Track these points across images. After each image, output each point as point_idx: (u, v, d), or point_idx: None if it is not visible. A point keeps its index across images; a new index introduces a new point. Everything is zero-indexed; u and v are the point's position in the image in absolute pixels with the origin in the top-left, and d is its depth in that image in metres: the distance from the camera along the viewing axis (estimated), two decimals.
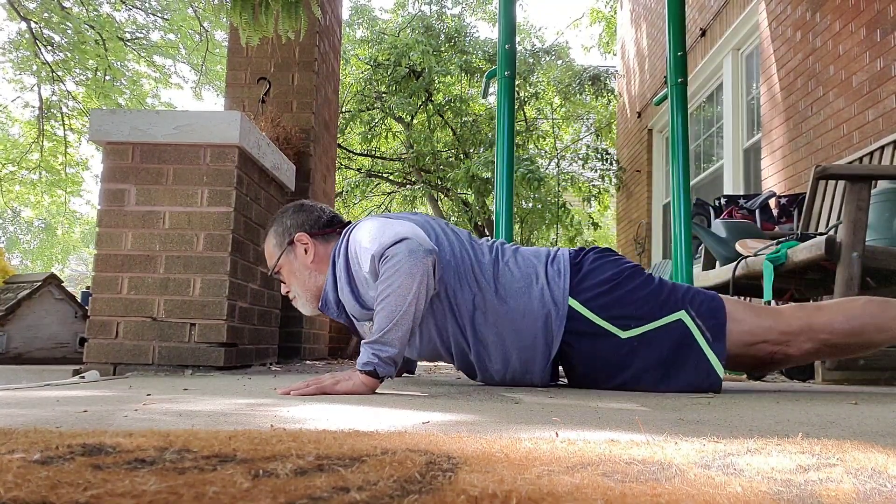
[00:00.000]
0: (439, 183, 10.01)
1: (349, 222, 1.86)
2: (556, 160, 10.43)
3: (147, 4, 10.71)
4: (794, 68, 4.53)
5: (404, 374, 2.24)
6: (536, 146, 10.79)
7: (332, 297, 1.74)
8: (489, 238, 2.21)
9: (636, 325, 1.61)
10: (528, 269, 1.68)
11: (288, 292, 1.85)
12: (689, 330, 1.59)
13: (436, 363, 3.91)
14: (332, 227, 1.83)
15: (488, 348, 1.67)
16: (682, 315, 1.60)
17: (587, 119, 11.55)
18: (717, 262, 3.00)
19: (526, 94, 10.10)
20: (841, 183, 2.89)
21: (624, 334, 1.61)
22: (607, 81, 9.82)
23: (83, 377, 2.12)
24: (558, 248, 1.77)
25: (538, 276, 1.67)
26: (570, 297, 1.63)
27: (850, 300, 1.69)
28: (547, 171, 9.81)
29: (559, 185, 9.96)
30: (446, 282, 1.64)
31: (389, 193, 11.66)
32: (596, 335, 1.62)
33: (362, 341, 1.52)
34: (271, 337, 2.92)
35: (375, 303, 1.51)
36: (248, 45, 3.19)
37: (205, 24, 9.66)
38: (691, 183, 3.61)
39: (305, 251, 1.79)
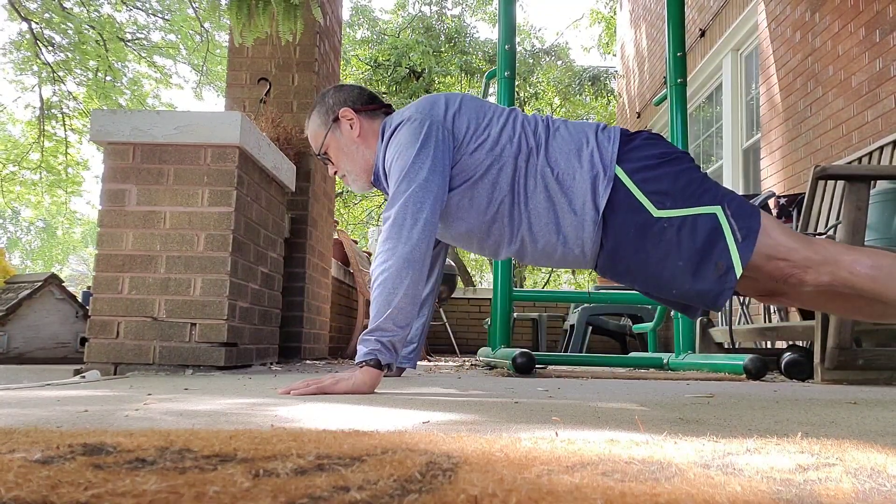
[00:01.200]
0: None
1: (390, 105, 1.89)
2: None
3: (148, 5, 10.71)
4: (793, 68, 4.53)
5: (404, 375, 2.25)
6: None
7: (383, 172, 1.75)
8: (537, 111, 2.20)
9: (672, 206, 1.58)
10: (578, 135, 1.68)
11: (335, 172, 1.86)
12: (720, 225, 1.57)
13: (436, 364, 3.91)
14: (374, 105, 1.85)
15: (541, 216, 1.65)
16: (717, 210, 1.58)
17: (587, 119, 11.56)
18: None
19: (526, 94, 10.10)
20: (840, 183, 2.89)
21: (657, 213, 1.58)
22: (607, 82, 9.82)
23: (84, 377, 2.12)
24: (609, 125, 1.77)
25: (588, 140, 1.66)
26: (616, 165, 1.62)
27: (881, 251, 1.65)
28: None
29: None
30: (499, 153, 1.65)
31: None
32: (630, 209, 1.60)
33: (360, 335, 1.52)
34: (272, 337, 2.93)
35: (371, 282, 1.55)
36: (243, 45, 3.20)
37: (205, 25, 9.66)
38: None
39: (351, 126, 1.81)
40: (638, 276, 1.66)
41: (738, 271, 1.54)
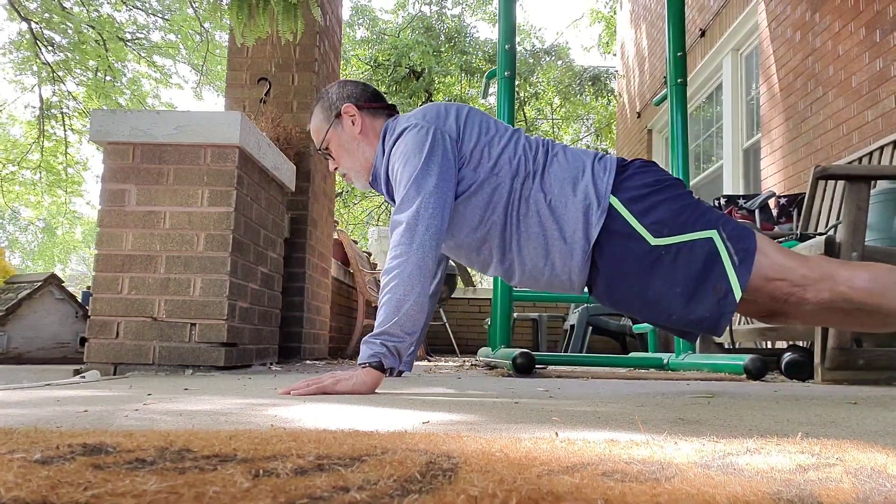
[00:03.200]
0: None
1: (395, 106, 1.88)
2: None
3: (147, 5, 10.71)
4: (793, 68, 4.53)
5: (404, 375, 2.24)
6: None
7: (383, 173, 1.76)
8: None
9: (668, 234, 1.59)
10: (575, 163, 1.69)
11: (335, 169, 1.87)
12: (717, 249, 1.58)
13: (436, 364, 3.91)
14: (378, 103, 1.85)
15: (531, 240, 1.66)
16: (713, 234, 1.59)
17: (587, 119, 11.55)
18: None
19: (526, 94, 10.10)
20: (840, 183, 2.89)
21: (654, 241, 1.59)
22: (607, 82, 9.82)
23: (84, 377, 2.12)
24: (606, 153, 1.77)
25: (584, 170, 1.67)
26: (611, 195, 1.63)
27: (876, 264, 1.66)
28: None
29: None
30: (497, 172, 1.66)
31: None
32: (627, 237, 1.61)
33: (364, 337, 1.52)
34: (271, 337, 2.93)
35: (381, 286, 1.55)
36: (244, 45, 3.20)
37: (205, 25, 9.66)
38: (691, 183, 3.61)
39: (353, 122, 1.80)
40: (636, 304, 1.67)
41: (738, 294, 1.56)
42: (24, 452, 0.63)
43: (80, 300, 4.27)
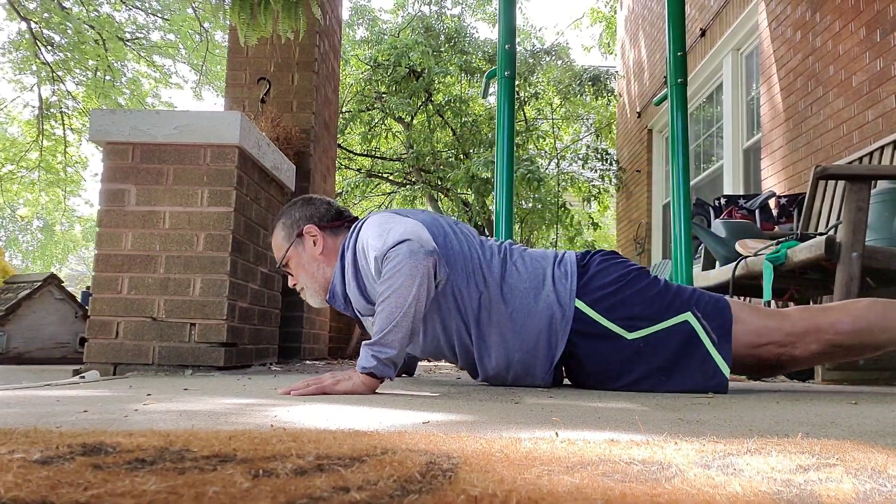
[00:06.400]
0: (439, 183, 10.02)
1: (356, 217, 1.88)
2: (555, 160, 10.43)
3: (147, 4, 10.71)
4: (793, 68, 4.53)
5: (403, 375, 2.24)
6: (536, 146, 10.79)
7: (340, 289, 1.76)
8: (496, 238, 2.21)
9: (642, 326, 1.61)
10: (535, 270, 1.69)
11: (295, 284, 1.87)
12: (695, 331, 1.60)
13: (436, 364, 3.91)
14: (340, 221, 1.86)
15: (490, 348, 1.68)
16: (688, 316, 1.61)
17: (587, 119, 11.56)
18: (717, 262, 3.00)
19: (526, 94, 10.10)
20: (841, 183, 2.89)
21: (630, 335, 1.61)
22: (607, 82, 9.81)
23: (83, 377, 2.12)
24: (565, 251, 1.78)
25: (545, 278, 1.67)
26: (576, 299, 1.64)
27: (854, 301, 1.69)
28: (547, 171, 9.81)
29: (559, 185, 9.96)
30: (454, 280, 1.65)
31: (389, 193, 11.67)
32: (602, 336, 1.63)
33: (363, 343, 1.52)
34: (271, 337, 2.92)
35: (377, 303, 1.51)
36: (247, 44, 3.20)
37: (205, 25, 9.66)
38: (691, 183, 3.61)
39: (314, 243, 1.81)
40: (634, 388, 1.69)
41: (726, 372, 1.60)
42: (23, 452, 0.62)
43: (79, 300, 4.27)
